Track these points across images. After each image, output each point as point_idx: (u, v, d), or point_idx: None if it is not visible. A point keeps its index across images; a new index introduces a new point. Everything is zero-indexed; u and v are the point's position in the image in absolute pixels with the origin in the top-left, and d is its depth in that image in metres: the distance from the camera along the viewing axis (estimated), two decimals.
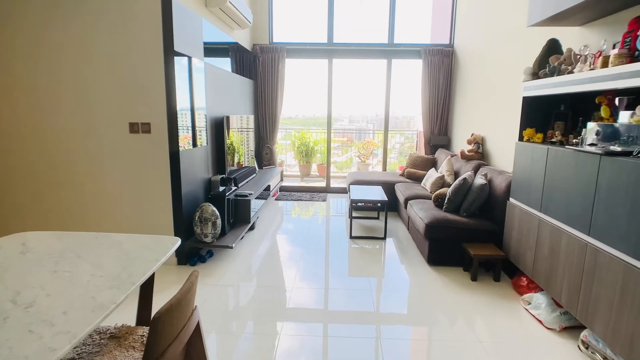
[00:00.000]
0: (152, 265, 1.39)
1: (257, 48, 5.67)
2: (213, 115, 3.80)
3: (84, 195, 3.16)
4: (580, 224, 2.08)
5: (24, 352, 0.86)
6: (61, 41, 2.95)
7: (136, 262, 1.42)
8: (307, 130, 7.88)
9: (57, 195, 3.17)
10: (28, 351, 0.87)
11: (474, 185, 3.33)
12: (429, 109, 5.64)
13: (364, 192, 4.33)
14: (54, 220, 3.21)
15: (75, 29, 2.93)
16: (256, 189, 4.27)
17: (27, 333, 0.93)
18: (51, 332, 0.94)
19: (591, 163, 1.99)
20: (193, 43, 3.27)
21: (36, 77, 3.01)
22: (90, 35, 2.93)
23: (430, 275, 3.12)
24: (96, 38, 2.93)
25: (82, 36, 2.93)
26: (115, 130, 3.06)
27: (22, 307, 1.06)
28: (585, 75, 2.06)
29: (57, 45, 2.96)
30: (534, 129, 2.71)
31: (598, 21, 2.44)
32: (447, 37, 5.67)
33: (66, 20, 2.92)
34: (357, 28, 6.01)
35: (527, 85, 2.68)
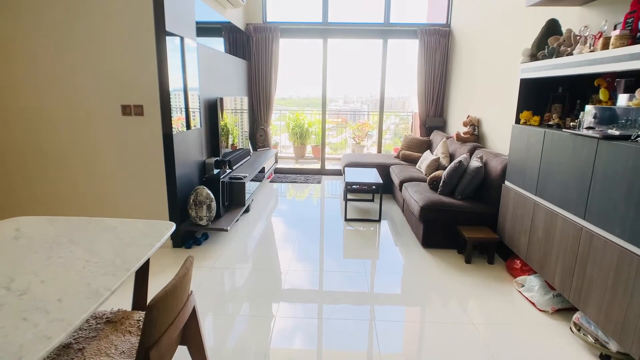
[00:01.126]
0: (147, 251, 1.38)
1: (251, 28, 5.53)
2: (206, 97, 3.73)
3: (76, 179, 3.12)
4: (575, 207, 2.09)
5: (19, 340, 0.85)
6: (50, 22, 2.84)
7: (131, 248, 1.40)
8: (302, 112, 7.80)
9: (49, 180, 3.12)
10: (23, 339, 0.85)
11: (469, 168, 3.33)
12: (425, 90, 5.59)
13: (359, 175, 4.32)
14: (46, 206, 3.17)
15: (64, 8, 2.82)
16: (251, 172, 4.25)
17: (22, 321, 0.92)
18: (46, 319, 0.93)
19: (588, 147, 1.99)
20: (185, 23, 3.17)
21: (24, 60, 2.91)
22: (80, 16, 2.82)
23: (424, 257, 3.15)
24: (86, 19, 2.83)
25: (71, 17, 2.83)
26: (107, 113, 2.99)
27: (17, 294, 1.04)
28: (585, 57, 2.03)
29: (46, 26, 2.85)
30: (530, 112, 2.69)
31: (599, 0, 2.39)
32: (444, 17, 5.56)
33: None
34: (352, 7, 5.87)
35: (525, 67, 2.65)
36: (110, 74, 2.92)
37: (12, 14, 2.85)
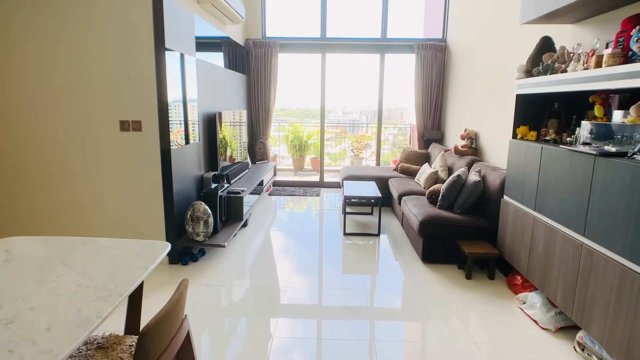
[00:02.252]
0: (141, 274, 1.36)
1: (250, 43, 5.58)
2: (205, 112, 3.74)
3: (73, 195, 3.10)
4: (575, 224, 2.08)
5: None
6: (51, 39, 2.86)
7: (124, 270, 1.38)
8: (301, 124, 7.83)
9: (45, 195, 3.10)
10: None
11: (467, 182, 3.32)
12: (422, 103, 5.62)
13: (358, 188, 4.31)
14: (42, 221, 3.15)
15: (65, 26, 2.84)
16: (249, 185, 4.23)
17: (7, 353, 0.90)
18: (33, 351, 0.90)
19: (585, 163, 1.98)
20: (185, 39, 3.20)
21: (25, 75, 2.93)
22: (81, 33, 2.85)
23: (424, 273, 3.12)
24: (87, 36, 2.85)
25: (72, 34, 2.85)
26: (106, 129, 2.99)
27: (4, 322, 1.02)
28: (579, 75, 2.04)
29: (47, 42, 2.87)
30: (527, 127, 2.69)
31: (591, 19, 2.42)
32: (440, 32, 5.62)
33: (56, 17, 2.83)
34: (350, 23, 5.94)
35: (521, 83, 2.66)
36: (109, 90, 2.93)
37: (7, 30, 2.87)
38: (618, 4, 2.12)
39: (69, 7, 2.81)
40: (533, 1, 2.46)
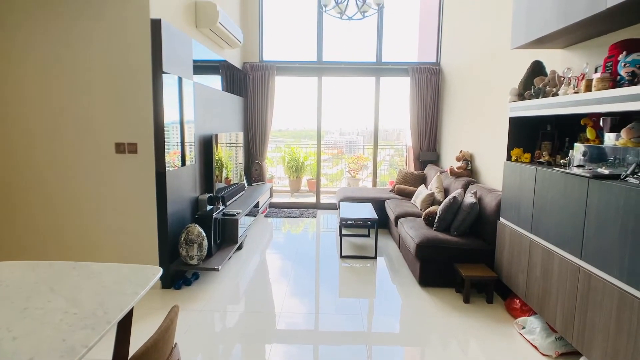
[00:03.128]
0: (130, 300, 1.32)
1: (248, 66, 5.68)
2: (202, 134, 3.76)
3: (65, 217, 3.07)
4: (571, 246, 2.06)
5: None
6: (49, 61, 2.90)
7: (114, 296, 1.35)
8: (297, 146, 7.87)
9: (37, 217, 3.07)
10: None
11: (464, 204, 3.32)
12: (418, 125, 5.68)
13: (354, 210, 4.29)
14: (34, 243, 3.10)
15: (63, 48, 2.89)
16: (245, 207, 4.21)
17: None
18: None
19: (579, 186, 1.99)
20: (182, 63, 3.25)
21: (22, 95, 2.95)
22: (79, 56, 2.89)
23: (422, 296, 3.07)
24: (85, 58, 2.89)
25: (70, 56, 2.89)
26: (101, 151, 2.99)
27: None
28: (570, 99, 2.08)
29: (45, 64, 2.91)
30: (521, 149, 2.72)
31: (580, 44, 2.48)
32: (433, 56, 5.75)
33: (54, 39, 2.87)
34: (345, 47, 6.08)
35: (514, 106, 2.70)
36: (105, 112, 2.95)
37: (2, 49, 2.91)
38: (604, 30, 2.18)
39: (68, 30, 2.86)
40: (523, 27, 2.53)
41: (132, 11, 2.80)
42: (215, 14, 3.65)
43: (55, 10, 2.85)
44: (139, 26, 2.82)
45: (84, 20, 2.85)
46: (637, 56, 1.81)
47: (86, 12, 2.84)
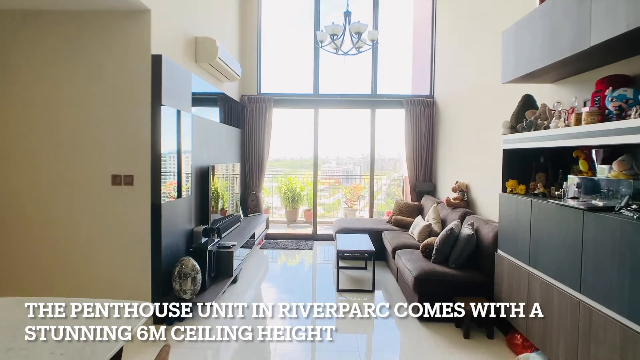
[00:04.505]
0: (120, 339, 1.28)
1: (246, 98, 5.79)
2: (199, 165, 3.78)
3: (58, 249, 3.01)
4: (570, 280, 2.04)
5: None
6: (48, 92, 2.94)
7: (103, 334, 1.31)
8: (294, 176, 7.89)
9: (30, 248, 3.01)
10: None
11: (461, 236, 3.30)
12: (413, 155, 5.75)
13: (351, 242, 4.25)
14: (26, 275, 3.02)
15: (63, 79, 2.93)
16: (240, 239, 4.17)
17: None
18: None
19: (575, 218, 1.99)
20: (181, 96, 3.31)
21: (15, 125, 2.97)
22: (79, 88, 2.93)
23: (421, 331, 2.99)
24: (85, 91, 2.93)
25: (70, 87, 2.93)
26: (97, 183, 2.98)
27: None
28: (561, 132, 2.12)
29: (44, 95, 2.94)
30: (516, 180, 2.74)
31: (568, 79, 2.56)
32: (427, 89, 5.91)
33: (54, 73, 2.93)
34: (341, 80, 6.24)
35: (507, 139, 2.75)
36: (103, 144, 2.96)
37: (5, 77, 2.95)
38: (590, 66, 2.26)
39: (69, 63, 2.92)
40: (512, 63, 2.62)
41: (134, 47, 2.88)
42: (214, 49, 3.76)
43: (57, 43, 2.92)
44: (140, 61, 2.89)
45: (86, 55, 2.91)
46: (622, 91, 1.87)
47: (89, 47, 2.91)
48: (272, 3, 6.17)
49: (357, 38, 3.84)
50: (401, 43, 6.75)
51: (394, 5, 6.28)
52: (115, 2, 2.70)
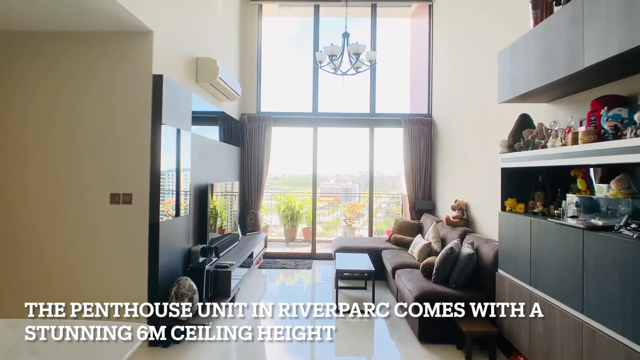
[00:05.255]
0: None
1: (245, 117, 5.84)
2: (197, 183, 3.77)
3: (53, 269, 2.97)
4: (572, 300, 2.01)
5: None
6: (48, 111, 2.97)
7: (98, 358, 1.28)
8: (293, 194, 7.88)
9: (27, 267, 2.97)
10: None
11: (461, 255, 3.28)
12: (412, 174, 5.76)
13: (350, 261, 4.21)
14: (22, 294, 2.96)
15: (64, 98, 2.97)
16: (238, 259, 4.12)
17: None
18: None
19: (575, 237, 1.98)
20: (181, 115, 3.34)
21: (13, 145, 2.98)
22: (79, 107, 2.96)
23: (422, 354, 2.93)
24: (85, 109, 2.97)
25: (72, 107, 2.97)
26: (95, 201, 2.98)
27: None
28: (559, 151, 2.13)
29: (43, 114, 2.97)
30: (515, 199, 2.73)
31: (563, 99, 2.60)
32: (425, 108, 5.97)
33: (56, 90, 2.96)
34: (340, 99, 6.32)
35: (505, 157, 2.76)
36: (102, 163, 2.97)
37: (4, 96, 2.98)
38: (584, 87, 2.30)
39: (70, 81, 2.96)
40: (508, 84, 2.66)
41: (136, 67, 2.93)
42: (215, 69, 3.82)
43: (58, 64, 2.96)
44: (141, 81, 2.93)
45: (87, 74, 2.96)
46: (617, 111, 1.89)
47: (90, 67, 2.96)
48: (272, 24, 6.31)
49: (355, 58, 3.91)
50: (399, 63, 6.87)
51: (392, 27, 6.42)
52: (118, 23, 2.76)
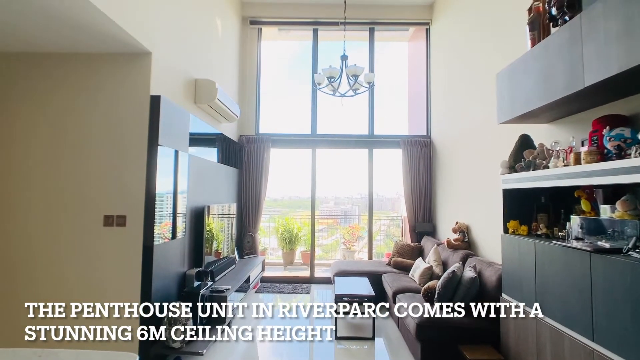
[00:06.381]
0: None
1: (244, 139, 5.84)
2: (194, 206, 3.71)
3: (41, 291, 2.87)
4: (581, 326, 1.92)
5: None
6: (42, 130, 2.94)
7: None
8: (292, 217, 7.79)
9: (11, 290, 2.87)
10: None
11: (463, 279, 3.18)
12: (412, 196, 5.70)
13: (350, 285, 4.10)
14: (11, 316, 2.85)
15: (59, 118, 2.93)
16: (234, 283, 4.00)
17: None
18: None
19: (581, 260, 1.91)
20: (178, 136, 3.31)
21: (11, 165, 2.93)
22: (74, 127, 2.93)
23: None
24: (81, 130, 2.93)
25: (65, 126, 2.93)
26: (88, 224, 2.90)
27: None
28: (561, 171, 2.09)
29: (37, 135, 2.94)
30: (517, 221, 2.67)
31: (563, 119, 2.58)
32: (424, 129, 5.98)
33: (54, 115, 2.94)
34: (339, 120, 6.33)
35: (506, 178, 2.71)
36: (97, 184, 2.91)
37: (11, 121, 2.95)
38: (585, 107, 2.28)
39: (66, 101, 2.93)
40: (507, 104, 2.65)
41: (133, 88, 2.92)
42: (214, 91, 3.82)
43: (56, 85, 2.95)
44: (139, 102, 2.91)
45: (84, 95, 2.94)
46: (620, 130, 1.86)
47: (87, 87, 2.94)
48: (271, 47, 6.40)
49: (353, 80, 3.93)
50: (397, 85, 6.94)
51: (390, 51, 6.52)
52: (116, 45, 2.77)
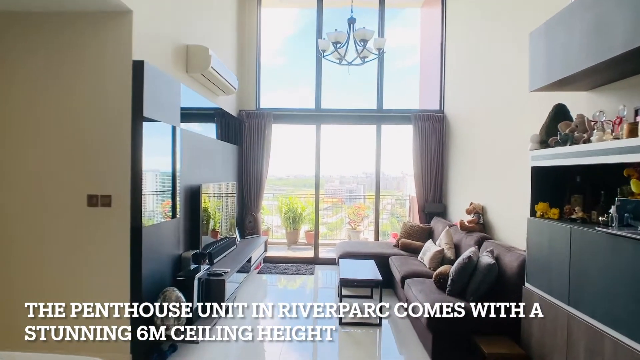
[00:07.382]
0: None
1: (243, 114, 5.50)
2: (188, 184, 3.44)
3: (22, 278, 2.66)
4: (629, 328, 1.64)
5: None
6: (16, 105, 2.65)
7: None
8: (296, 196, 7.53)
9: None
10: None
11: (480, 265, 2.91)
12: (422, 174, 5.38)
13: (355, 269, 3.86)
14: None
15: (37, 91, 2.63)
16: (234, 265, 3.78)
17: None
18: None
19: (634, 251, 1.61)
20: (168, 108, 3.00)
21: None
22: (52, 98, 2.63)
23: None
24: (58, 101, 2.63)
25: (43, 99, 2.63)
26: (71, 204, 2.65)
27: None
28: (610, 145, 1.77)
29: (11, 108, 2.65)
30: (547, 203, 2.36)
31: (608, 85, 2.22)
32: (437, 103, 5.59)
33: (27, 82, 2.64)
34: (345, 94, 5.96)
35: (536, 155, 2.39)
36: (78, 161, 2.64)
37: None
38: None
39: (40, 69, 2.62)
40: (542, 68, 2.29)
41: (112, 51, 2.59)
42: (207, 58, 3.48)
43: (28, 49, 2.63)
44: (119, 67, 2.59)
45: (60, 61, 2.62)
46: None
47: (62, 52, 2.62)
48: (272, 15, 5.97)
49: (362, 46, 3.55)
50: (408, 56, 6.51)
51: (401, 18, 6.05)
52: (91, 2, 2.42)
